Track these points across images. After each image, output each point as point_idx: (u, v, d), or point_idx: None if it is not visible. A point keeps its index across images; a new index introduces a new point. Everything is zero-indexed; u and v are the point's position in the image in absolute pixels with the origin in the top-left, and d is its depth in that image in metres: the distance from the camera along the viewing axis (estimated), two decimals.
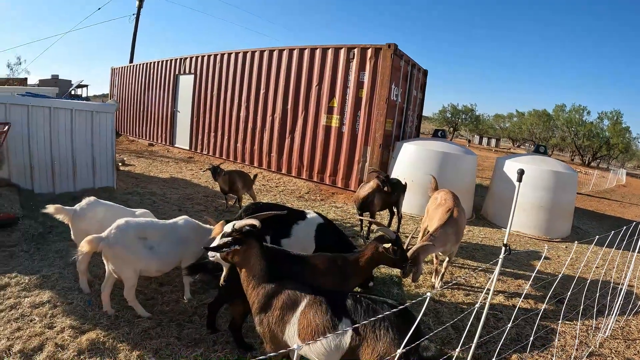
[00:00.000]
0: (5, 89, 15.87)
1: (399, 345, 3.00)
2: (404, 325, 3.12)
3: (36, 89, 16.28)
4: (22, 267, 6.48)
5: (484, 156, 36.15)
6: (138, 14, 31.62)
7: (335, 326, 3.24)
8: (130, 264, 5.07)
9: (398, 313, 3.17)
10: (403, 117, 14.17)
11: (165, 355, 4.52)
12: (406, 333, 2.98)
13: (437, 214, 6.60)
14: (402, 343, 2.96)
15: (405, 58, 13.29)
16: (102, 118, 11.01)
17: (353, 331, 3.18)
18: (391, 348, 3.04)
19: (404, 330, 3.06)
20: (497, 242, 9.77)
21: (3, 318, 5.13)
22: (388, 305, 3.29)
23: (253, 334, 5.05)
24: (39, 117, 9.95)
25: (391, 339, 3.06)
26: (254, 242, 3.72)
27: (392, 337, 3.07)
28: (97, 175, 11.05)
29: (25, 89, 15.97)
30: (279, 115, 15.24)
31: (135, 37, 31.67)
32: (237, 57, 17.09)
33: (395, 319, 3.14)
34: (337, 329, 3.22)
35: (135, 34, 31.72)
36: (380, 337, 3.10)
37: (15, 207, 8.40)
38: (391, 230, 4.51)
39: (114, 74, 26.94)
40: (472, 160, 12.30)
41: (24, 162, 9.87)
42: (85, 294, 5.75)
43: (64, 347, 4.59)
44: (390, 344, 3.05)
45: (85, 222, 6.01)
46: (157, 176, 14.19)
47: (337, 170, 13.47)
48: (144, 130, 23.42)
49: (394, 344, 3.04)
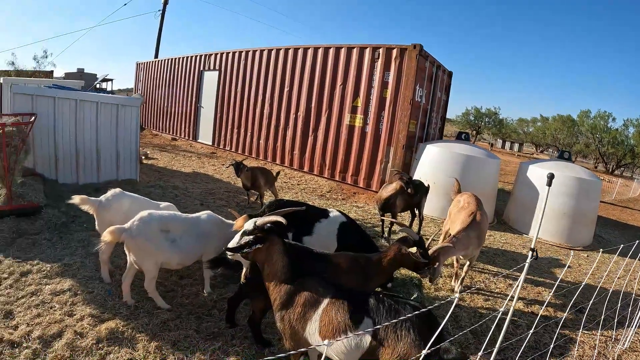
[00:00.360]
0: (32, 81, 16.03)
1: (419, 346, 3.00)
2: (425, 327, 3.11)
3: (62, 81, 16.44)
4: (44, 255, 6.59)
5: (506, 160, 35.81)
6: (164, 10, 31.84)
7: (357, 325, 3.24)
8: (152, 256, 5.13)
9: (419, 314, 3.14)
10: (427, 118, 14.13)
11: (183, 348, 4.57)
12: (427, 335, 2.97)
13: (460, 217, 6.54)
14: (422, 344, 2.96)
15: (431, 59, 13.24)
16: (128, 111, 11.12)
17: (374, 331, 3.16)
18: (412, 349, 3.03)
19: (425, 332, 3.05)
20: (518, 248, 9.68)
21: (24, 304, 5.23)
22: (410, 306, 3.27)
23: (271, 330, 5.08)
24: (65, 109, 10.08)
25: (412, 340, 3.05)
26: (277, 239, 3.71)
27: (413, 339, 3.06)
28: (120, 167, 11.18)
29: (51, 81, 16.15)
30: (302, 113, 15.26)
31: (160, 33, 31.96)
32: (261, 55, 17.12)
33: (417, 320, 3.12)
34: (359, 328, 3.21)
35: (161, 29, 32.00)
36: (401, 338, 3.08)
37: (39, 196, 8.51)
38: (414, 232, 4.48)
39: (139, 68, 27.19)
40: (495, 164, 12.20)
41: (49, 152, 10.01)
42: (106, 284, 5.84)
43: (83, 335, 4.65)
44: (411, 345, 3.04)
45: (110, 213, 6.09)
46: (179, 170, 14.31)
47: (359, 170, 13.46)
48: (167, 125, 23.59)
49: (414, 345, 3.03)
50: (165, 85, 23.66)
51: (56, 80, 17.56)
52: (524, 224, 11.51)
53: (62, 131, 10.11)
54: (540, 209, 10.90)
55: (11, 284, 5.67)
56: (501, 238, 10.42)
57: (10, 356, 4.27)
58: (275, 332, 5.06)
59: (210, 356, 4.45)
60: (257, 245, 3.62)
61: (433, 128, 15.15)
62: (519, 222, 11.75)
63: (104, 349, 4.44)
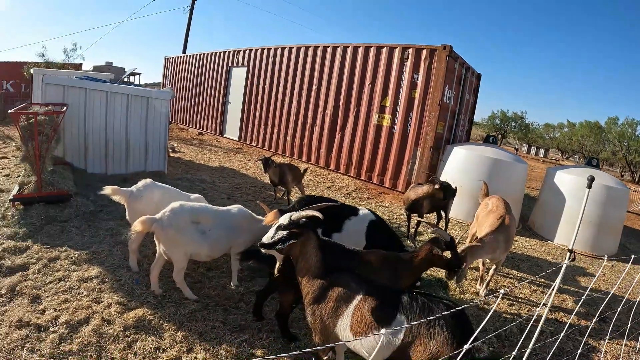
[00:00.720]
0: (62, 73, 16.29)
1: (452, 345, 2.99)
2: (458, 326, 3.11)
3: (93, 73, 16.66)
4: (73, 242, 6.71)
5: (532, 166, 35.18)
6: (192, 7, 32.05)
7: (390, 322, 3.23)
8: (182, 247, 5.17)
9: (452, 313, 3.14)
10: (454, 120, 14.02)
11: (210, 339, 4.61)
12: (460, 334, 2.98)
13: (488, 220, 6.50)
14: (455, 343, 2.97)
15: (460, 61, 13.16)
16: (157, 104, 11.25)
17: (407, 328, 3.17)
18: (444, 347, 3.02)
19: (458, 331, 3.06)
20: (543, 254, 9.56)
21: (51, 289, 5.33)
22: (444, 304, 3.27)
23: (297, 325, 5.10)
24: (96, 100, 10.26)
25: (445, 338, 3.04)
26: (312, 235, 3.72)
27: (445, 337, 3.04)
28: (149, 159, 11.32)
29: (82, 73, 16.39)
30: (330, 112, 15.27)
31: (189, 28, 32.16)
32: (290, 52, 17.17)
33: (450, 319, 3.11)
34: (391, 325, 3.21)
35: (189, 25, 32.21)
36: (433, 336, 3.07)
37: (69, 184, 8.63)
38: (446, 233, 4.48)
39: (167, 63, 27.46)
40: (523, 169, 12.08)
41: (79, 142, 10.19)
42: (134, 273, 5.91)
43: (110, 322, 4.72)
44: (444, 343, 3.03)
45: (141, 203, 6.15)
46: (206, 164, 14.41)
47: (386, 170, 13.43)
48: (194, 119, 23.77)
49: (447, 344, 3.02)
50: (193, 80, 23.83)
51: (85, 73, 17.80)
52: (550, 230, 11.32)
53: (92, 122, 10.28)
54: (567, 215, 10.74)
55: (39, 269, 5.78)
56: (526, 244, 10.31)
57: (36, 340, 4.33)
58: (301, 327, 5.09)
59: (236, 348, 4.48)
60: (292, 241, 3.62)
61: (460, 130, 15.05)
62: (544, 229, 11.56)
63: (131, 337, 4.50)
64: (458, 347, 2.95)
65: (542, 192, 12.40)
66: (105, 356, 4.20)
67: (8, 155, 12.97)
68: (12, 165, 11.47)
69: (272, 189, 10.92)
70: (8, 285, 5.30)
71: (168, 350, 4.37)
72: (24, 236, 6.79)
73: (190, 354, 4.35)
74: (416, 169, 12.56)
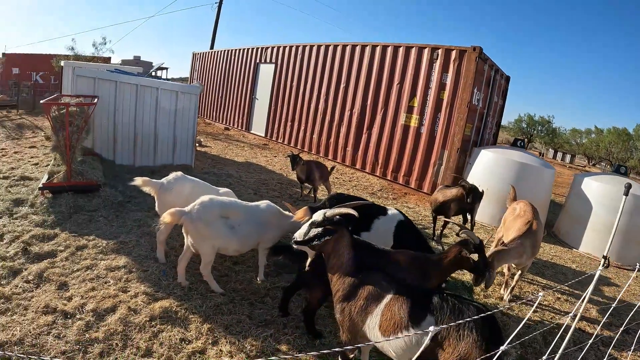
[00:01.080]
0: (92, 66, 16.53)
1: (481, 347, 2.97)
2: (487, 329, 3.08)
3: (123, 67, 16.88)
4: (100, 231, 6.79)
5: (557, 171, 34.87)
6: (220, 2, 32.25)
7: (419, 322, 3.21)
8: (210, 240, 5.20)
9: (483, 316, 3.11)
10: (482, 122, 13.92)
11: (235, 332, 4.63)
12: (489, 336, 2.96)
13: (515, 225, 6.42)
14: (484, 346, 2.94)
15: (489, 62, 13.03)
16: (187, 99, 11.36)
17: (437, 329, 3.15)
18: (473, 349, 2.99)
19: (487, 334, 3.03)
20: (567, 262, 9.39)
21: (78, 277, 5.40)
22: (474, 307, 3.24)
23: (322, 322, 5.10)
24: (126, 93, 10.40)
25: (474, 340, 3.01)
26: (345, 232, 3.72)
27: (475, 339, 3.01)
28: (176, 152, 11.44)
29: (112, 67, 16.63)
30: (357, 111, 15.24)
31: (216, 24, 32.39)
32: (318, 50, 17.17)
33: (479, 321, 3.09)
34: (421, 325, 3.19)
35: (217, 21, 32.41)
36: (463, 337, 3.04)
37: (98, 174, 8.73)
38: (475, 235, 4.44)
39: (195, 58, 27.67)
40: (550, 174, 11.92)
41: (108, 134, 10.34)
42: (161, 264, 5.95)
43: (137, 312, 4.77)
44: (473, 345, 3.00)
45: (171, 195, 6.21)
46: (232, 159, 14.48)
47: (412, 171, 13.34)
48: (221, 114, 23.90)
49: (476, 346, 2.98)
50: (221, 75, 23.97)
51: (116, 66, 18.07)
52: (575, 237, 11.07)
53: (122, 114, 10.42)
54: (593, 223, 10.52)
55: (67, 257, 5.86)
56: (551, 250, 10.15)
57: (63, 326, 4.38)
58: (326, 324, 5.08)
59: (262, 343, 4.48)
60: (326, 238, 3.63)
61: (488, 133, 14.93)
62: (569, 236, 11.34)
63: (157, 327, 4.53)
64: (487, 349, 2.93)
65: (569, 198, 12.17)
66: (131, 345, 4.24)
67: (37, 144, 13.16)
68: (41, 155, 11.64)
69: (299, 186, 10.93)
70: (36, 271, 5.39)
71: (194, 341, 4.40)
72: (52, 224, 6.89)
73: (215, 347, 4.37)
74: (442, 171, 12.47)
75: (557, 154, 71.83)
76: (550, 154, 70.02)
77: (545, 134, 67.51)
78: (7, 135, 14.62)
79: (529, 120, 67.42)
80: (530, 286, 7.54)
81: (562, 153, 72.42)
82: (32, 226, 6.72)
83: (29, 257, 5.80)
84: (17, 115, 20.28)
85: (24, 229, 6.57)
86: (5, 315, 4.51)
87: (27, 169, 9.98)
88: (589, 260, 10.10)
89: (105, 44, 29.88)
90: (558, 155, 72.27)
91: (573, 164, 63.06)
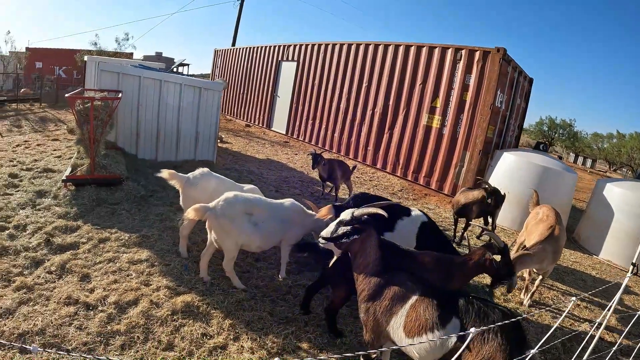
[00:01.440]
0: (115, 61, 16.71)
1: (505, 351, 2.94)
2: (512, 333, 3.05)
3: (146, 63, 17.05)
4: (123, 224, 6.87)
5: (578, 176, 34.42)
6: (242, 0, 32.34)
7: (445, 324, 3.19)
8: (233, 237, 5.20)
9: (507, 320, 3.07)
10: (505, 125, 13.77)
11: (256, 329, 4.63)
12: (514, 341, 2.93)
13: (538, 230, 6.34)
14: (509, 350, 2.91)
15: (513, 64, 12.90)
16: (210, 95, 11.42)
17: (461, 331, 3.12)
18: (497, 353, 2.97)
19: (512, 338, 3.00)
20: (587, 268, 9.22)
21: (101, 269, 5.47)
22: (499, 310, 3.21)
23: (344, 322, 5.08)
24: (150, 88, 10.48)
25: (498, 344, 2.98)
26: (373, 231, 3.72)
27: (499, 343, 2.99)
28: (199, 148, 11.52)
29: (135, 62, 16.80)
30: (379, 110, 15.17)
31: (238, 21, 32.56)
32: (341, 49, 17.14)
33: (505, 325, 3.06)
34: (446, 327, 3.17)
35: (239, 19, 32.55)
36: (487, 341, 3.02)
37: (121, 168, 8.82)
38: (500, 239, 4.41)
39: (216, 55, 27.81)
40: (572, 179, 11.77)
41: (131, 128, 10.44)
42: (183, 258, 5.99)
43: (159, 305, 4.80)
44: (497, 349, 2.97)
45: (196, 190, 6.24)
46: (253, 156, 14.56)
47: (433, 172, 13.25)
48: (242, 111, 23.98)
49: (500, 350, 2.96)
50: (242, 72, 24.03)
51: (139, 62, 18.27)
52: (596, 244, 10.81)
53: (145, 109, 10.52)
54: (615, 230, 10.27)
55: (89, 249, 5.93)
56: (571, 256, 9.96)
57: (84, 317, 4.42)
58: (347, 323, 5.07)
59: (283, 340, 4.48)
60: (355, 236, 3.63)
61: (510, 135, 14.79)
62: (590, 242, 11.09)
63: (179, 321, 4.55)
64: (511, 354, 2.90)
65: (590, 204, 11.93)
66: (152, 338, 4.27)
67: (60, 137, 13.30)
68: (63, 147, 11.77)
69: (320, 184, 10.92)
70: (58, 262, 5.46)
71: (215, 336, 4.41)
72: (75, 216, 6.98)
73: (236, 342, 4.38)
74: (464, 173, 12.38)
75: (578, 158, 71.09)
76: (571, 158, 69.30)
77: (567, 138, 66.90)
78: (31, 128, 14.79)
79: (550, 123, 66.84)
80: (550, 292, 7.45)
81: (582, 157, 71.72)
82: (54, 218, 6.80)
83: (52, 248, 5.87)
84: (40, 108, 20.54)
85: (46, 220, 6.67)
86: (27, 305, 4.57)
87: (50, 161, 10.11)
88: (609, 267, 9.92)
89: (128, 40, 30.19)
90: (579, 159, 71.57)
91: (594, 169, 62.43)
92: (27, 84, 27.24)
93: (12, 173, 8.82)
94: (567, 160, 66.53)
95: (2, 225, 6.37)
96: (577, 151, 70.79)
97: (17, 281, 4.98)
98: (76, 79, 30.13)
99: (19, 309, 4.48)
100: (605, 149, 67.78)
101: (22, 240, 6.03)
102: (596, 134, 72.03)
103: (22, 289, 4.84)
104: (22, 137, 13.19)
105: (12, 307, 4.49)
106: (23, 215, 6.79)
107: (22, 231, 6.31)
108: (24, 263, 5.41)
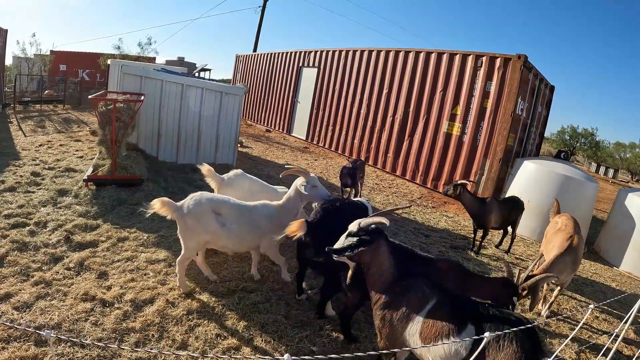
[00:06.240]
0: (137, 65, 16.93)
1: (520, 359, 2.91)
2: (528, 341, 3.02)
3: (169, 67, 17.27)
4: (142, 224, 6.96)
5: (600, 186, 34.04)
6: (264, 6, 32.56)
7: (461, 331, 3.18)
8: (197, 236, 5.18)
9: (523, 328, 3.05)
10: (525, 133, 13.69)
11: (271, 331, 4.65)
12: (529, 348, 2.91)
13: (556, 240, 6.27)
14: (524, 358, 2.89)
15: (534, 71, 12.81)
16: (231, 99, 11.54)
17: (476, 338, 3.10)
18: None
19: (527, 345, 2.98)
20: (607, 280, 9.09)
21: (118, 267, 5.56)
22: (515, 317, 3.19)
23: (358, 327, 5.07)
24: (172, 91, 10.61)
25: (514, 351, 2.95)
26: (382, 241, 3.65)
27: (514, 350, 2.96)
28: (219, 151, 11.66)
29: (159, 66, 17.03)
30: (399, 117, 15.13)
31: (260, 27, 32.73)
32: (361, 55, 17.16)
33: (520, 332, 3.03)
34: (462, 334, 3.15)
35: (260, 24, 32.73)
36: (502, 348, 2.99)
37: (142, 169, 8.95)
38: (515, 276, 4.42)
39: (238, 60, 27.97)
40: (594, 189, 11.58)
41: (153, 130, 10.57)
42: None
43: (174, 305, 4.86)
44: (512, 357, 2.94)
45: (231, 191, 6.39)
46: (273, 161, 14.58)
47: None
48: (262, 116, 24.09)
49: (515, 357, 2.94)
50: (263, 78, 24.14)
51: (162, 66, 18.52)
52: (617, 256, 10.61)
53: (166, 112, 10.65)
54: (636, 241, 10.08)
55: (108, 247, 6.03)
56: (590, 267, 9.83)
57: (101, 314, 4.49)
58: (361, 328, 5.06)
59: (297, 343, 4.49)
60: (362, 248, 3.56)
61: (531, 144, 14.67)
62: (610, 254, 10.89)
63: (194, 321, 4.60)
64: None
65: (612, 214, 11.74)
66: (167, 337, 4.31)
67: (82, 138, 13.47)
68: (85, 148, 11.92)
69: (339, 190, 10.85)
70: (77, 259, 5.55)
71: (229, 337, 4.44)
72: (95, 215, 7.09)
73: (250, 344, 4.39)
74: (484, 181, 12.29)
75: (600, 168, 70.22)
76: (592, 168, 68.52)
77: (588, 147, 66.19)
78: (54, 129, 14.98)
79: (572, 132, 66.18)
80: (568, 302, 7.37)
81: (604, 167, 70.82)
82: (75, 216, 6.91)
83: (71, 245, 5.97)
84: (63, 109, 20.85)
85: (67, 218, 6.79)
86: (44, 300, 4.65)
87: (72, 161, 10.25)
88: (630, 279, 9.74)
89: (150, 44, 30.50)
90: (600, 169, 70.67)
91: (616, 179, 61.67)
92: (51, 86, 27.62)
93: (34, 172, 9.02)
94: (589, 170, 65.77)
95: (23, 222, 6.50)
96: (599, 161, 69.96)
97: (36, 276, 5.07)
98: (99, 81, 30.55)
99: (36, 303, 4.57)
100: (628, 159, 66.93)
101: (42, 236, 6.14)
102: (618, 143, 71.19)
103: (40, 284, 4.93)
104: (45, 137, 13.39)
105: (30, 301, 4.58)
106: (44, 213, 6.92)
107: (42, 228, 6.43)
108: (43, 259, 5.51)
